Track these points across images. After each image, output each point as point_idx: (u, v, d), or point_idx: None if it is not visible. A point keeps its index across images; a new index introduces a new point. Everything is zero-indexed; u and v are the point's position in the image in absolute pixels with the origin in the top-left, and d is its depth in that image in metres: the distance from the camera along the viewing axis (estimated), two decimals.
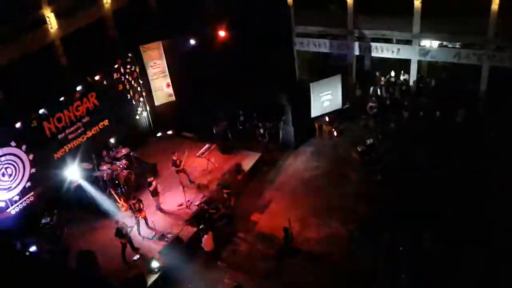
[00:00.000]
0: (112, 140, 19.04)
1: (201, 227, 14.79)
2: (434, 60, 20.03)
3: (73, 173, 17.43)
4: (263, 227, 16.14)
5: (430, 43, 19.80)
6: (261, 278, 14.22)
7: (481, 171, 15.90)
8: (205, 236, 14.50)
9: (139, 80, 20.41)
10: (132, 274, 14.24)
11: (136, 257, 15.01)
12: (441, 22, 18.93)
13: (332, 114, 20.62)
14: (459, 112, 18.52)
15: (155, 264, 14.26)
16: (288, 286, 13.88)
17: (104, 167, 17.76)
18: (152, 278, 14.15)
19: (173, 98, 21.66)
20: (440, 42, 19.59)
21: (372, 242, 14.38)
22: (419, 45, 19.87)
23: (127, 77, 19.80)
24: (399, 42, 20.52)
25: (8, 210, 15.83)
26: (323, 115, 20.58)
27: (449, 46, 19.45)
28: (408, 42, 20.17)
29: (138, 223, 15.72)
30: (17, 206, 16.12)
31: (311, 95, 20.28)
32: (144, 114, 21.02)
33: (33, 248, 15.08)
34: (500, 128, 17.25)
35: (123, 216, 15.92)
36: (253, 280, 14.16)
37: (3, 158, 15.57)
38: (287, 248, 15.01)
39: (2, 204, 15.70)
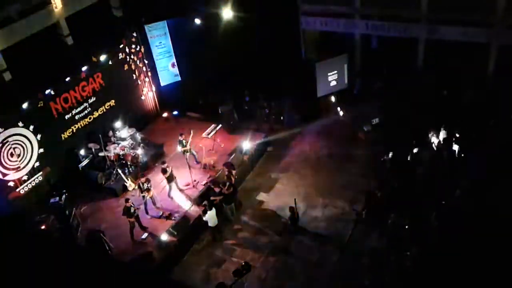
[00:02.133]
0: (118, 121, 19.10)
1: (204, 203, 14.91)
2: (442, 38, 19.77)
3: (80, 153, 17.60)
4: (269, 206, 16.27)
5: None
6: (268, 257, 14.40)
7: (488, 153, 15.79)
8: (208, 212, 14.65)
9: (144, 60, 20.34)
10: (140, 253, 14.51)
11: (145, 235, 15.21)
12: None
13: (338, 93, 20.53)
14: (467, 93, 18.35)
15: (163, 243, 14.46)
16: (295, 265, 14.04)
17: (111, 147, 17.89)
18: (160, 256, 14.36)
19: (179, 78, 21.62)
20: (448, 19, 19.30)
21: (377, 221, 14.48)
22: (427, 23, 19.61)
23: (132, 57, 19.73)
24: (406, 20, 20.23)
25: (17, 190, 16.01)
26: (329, 95, 20.50)
27: (457, 24, 19.17)
28: (416, 20, 19.89)
29: (145, 203, 15.88)
30: (26, 186, 16.28)
31: (317, 75, 20.17)
32: (150, 94, 21.01)
33: (43, 227, 15.31)
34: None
35: (131, 196, 16.06)
36: (260, 258, 14.34)
37: (11, 139, 15.68)
38: (293, 227, 15.15)
39: (11, 184, 15.87)
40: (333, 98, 20.43)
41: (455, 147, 16.19)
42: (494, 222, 13.32)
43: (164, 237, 14.54)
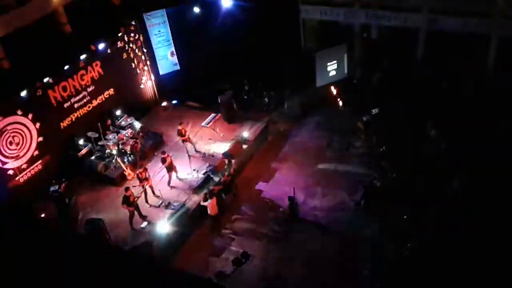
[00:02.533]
0: (117, 109, 19.06)
1: (204, 192, 14.95)
2: (442, 29, 19.71)
3: (79, 142, 17.58)
4: (269, 196, 16.31)
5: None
6: (267, 246, 14.48)
7: (489, 145, 15.81)
8: (209, 201, 14.70)
9: (143, 49, 20.23)
10: (139, 242, 14.57)
11: (144, 224, 15.27)
12: None
13: (338, 83, 20.49)
14: (468, 83, 18.33)
15: (162, 231, 14.51)
16: (294, 254, 14.13)
17: (110, 136, 17.88)
18: (159, 245, 14.43)
19: (178, 67, 21.52)
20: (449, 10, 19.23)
21: (377, 212, 14.55)
22: (428, 13, 19.54)
23: (131, 45, 19.61)
24: (407, 10, 20.15)
25: (16, 179, 16.02)
26: (329, 85, 20.46)
27: (458, 14, 19.11)
28: (416, 10, 19.82)
29: (145, 192, 15.91)
30: (26, 174, 16.28)
31: (317, 65, 20.11)
32: (149, 83, 20.93)
33: (42, 215, 15.35)
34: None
35: (130, 185, 16.07)
36: (259, 247, 14.42)
37: (9, 127, 15.65)
38: (293, 217, 15.22)
39: (11, 173, 15.87)
40: (332, 88, 20.39)
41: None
42: (493, 214, 13.43)
43: (163, 226, 14.59)
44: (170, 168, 16.55)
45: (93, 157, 17.54)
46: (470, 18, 18.64)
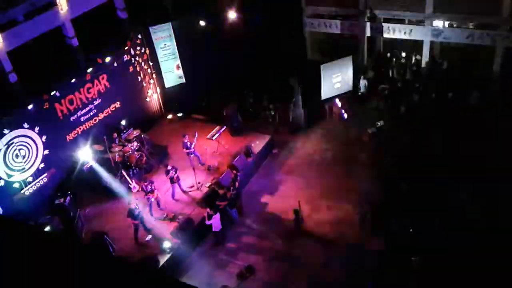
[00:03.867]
0: (123, 122, 19.14)
1: (207, 212, 14.80)
2: (447, 41, 19.74)
3: (85, 155, 17.62)
4: (274, 209, 16.25)
5: (443, 24, 19.53)
6: (272, 259, 14.37)
7: (494, 155, 15.71)
8: (213, 217, 14.61)
9: (149, 62, 20.36)
10: (144, 255, 14.51)
11: (149, 237, 15.22)
12: (455, 2, 18.61)
13: (343, 95, 20.49)
14: (473, 94, 18.28)
15: (167, 245, 14.46)
16: (299, 267, 14.01)
17: (116, 149, 17.92)
18: (164, 258, 14.37)
19: (183, 80, 21.61)
20: (453, 22, 19.29)
21: (382, 225, 14.41)
22: (432, 26, 19.59)
23: (137, 58, 19.76)
24: (411, 22, 20.24)
25: (22, 191, 16.05)
26: (334, 97, 20.45)
27: (463, 26, 19.15)
28: (420, 22, 19.88)
29: (150, 204, 15.89)
30: (31, 187, 16.33)
31: (322, 77, 20.13)
32: (155, 96, 21.03)
33: (47, 228, 15.33)
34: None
35: (135, 198, 16.08)
36: (263, 261, 14.31)
37: (16, 140, 15.73)
38: (298, 230, 15.11)
39: (16, 185, 15.92)
40: (337, 100, 20.37)
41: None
42: (498, 227, 13.28)
43: (168, 239, 14.53)
44: (175, 180, 16.52)
45: (98, 170, 17.53)
46: (474, 30, 18.68)
